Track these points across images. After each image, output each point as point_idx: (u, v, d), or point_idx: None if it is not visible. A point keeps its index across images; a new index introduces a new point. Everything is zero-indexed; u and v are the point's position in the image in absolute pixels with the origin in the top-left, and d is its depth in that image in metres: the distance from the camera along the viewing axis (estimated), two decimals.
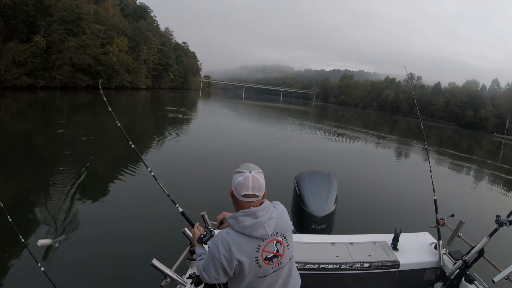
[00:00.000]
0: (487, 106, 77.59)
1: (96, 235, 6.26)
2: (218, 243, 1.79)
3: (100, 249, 5.74)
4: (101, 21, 52.15)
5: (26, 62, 39.30)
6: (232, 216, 1.82)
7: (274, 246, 1.83)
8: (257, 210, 1.78)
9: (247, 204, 1.80)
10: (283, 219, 1.91)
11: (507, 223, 2.73)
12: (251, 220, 1.76)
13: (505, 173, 18.87)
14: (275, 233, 1.83)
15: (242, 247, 1.76)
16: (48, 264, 5.08)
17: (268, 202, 1.88)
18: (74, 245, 5.75)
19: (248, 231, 1.76)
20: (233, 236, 1.78)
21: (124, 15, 68.86)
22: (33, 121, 20.32)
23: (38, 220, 6.60)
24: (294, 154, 15.95)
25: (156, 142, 16.13)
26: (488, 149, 42.31)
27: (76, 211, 7.16)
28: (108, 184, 9.39)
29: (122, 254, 5.66)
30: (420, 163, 17.88)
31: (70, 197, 7.78)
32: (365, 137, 29.08)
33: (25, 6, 39.44)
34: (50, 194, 7.94)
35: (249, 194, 1.78)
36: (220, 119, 33.92)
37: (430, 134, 44.66)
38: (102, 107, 30.83)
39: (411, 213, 8.51)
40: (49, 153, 12.43)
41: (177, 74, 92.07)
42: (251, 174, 1.78)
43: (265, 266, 1.82)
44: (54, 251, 5.41)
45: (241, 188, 1.78)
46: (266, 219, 1.78)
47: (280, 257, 1.86)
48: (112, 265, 5.33)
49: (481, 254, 2.90)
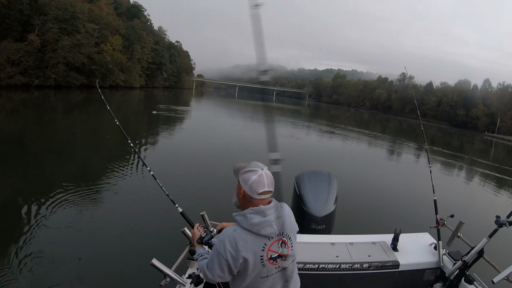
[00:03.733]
0: (479, 105, 78.13)
1: (95, 235, 6.25)
2: (224, 240, 1.79)
3: (100, 248, 5.73)
4: (95, 20, 51.93)
5: (20, 61, 39.07)
6: (241, 213, 1.82)
7: (279, 246, 1.83)
8: (266, 209, 1.79)
9: (261, 201, 1.81)
10: (289, 219, 1.93)
11: (507, 223, 2.76)
12: (260, 218, 1.76)
13: (500, 173, 18.85)
14: (281, 232, 1.83)
15: (248, 244, 1.76)
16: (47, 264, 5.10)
17: (276, 201, 1.89)
18: (74, 245, 5.74)
19: (256, 229, 1.76)
20: (241, 233, 1.78)
21: (118, 14, 68.56)
22: (27, 120, 20.27)
23: (31, 221, 6.52)
24: (294, 154, 15.66)
25: (151, 141, 16.05)
26: (480, 148, 42.56)
27: (75, 212, 7.14)
28: (107, 183, 9.31)
29: (122, 253, 5.65)
30: (419, 164, 17.85)
31: (67, 198, 7.72)
32: (364, 137, 29.05)
33: (20, 5, 39.18)
34: (46, 194, 7.80)
35: (265, 191, 1.79)
36: (215, 118, 33.95)
37: (421, 131, 44.80)
38: (96, 106, 30.89)
39: (411, 213, 8.50)
40: (44, 152, 12.35)
41: (171, 73, 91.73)
42: (264, 172, 1.81)
43: (269, 266, 1.82)
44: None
45: (258, 186, 1.78)
46: (274, 218, 1.79)
47: (284, 258, 1.86)
48: (112, 264, 5.32)
49: (481, 255, 2.92)
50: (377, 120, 68.78)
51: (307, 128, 32.63)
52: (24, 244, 5.58)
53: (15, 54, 38.48)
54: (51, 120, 21.95)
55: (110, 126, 20.24)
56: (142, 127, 21.98)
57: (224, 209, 2.28)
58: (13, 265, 4.99)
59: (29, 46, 40.54)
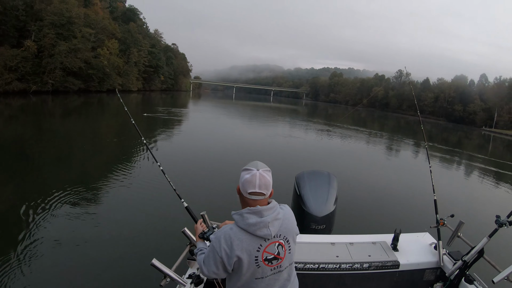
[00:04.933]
0: (476, 100, 78.15)
1: (96, 235, 6.29)
2: (220, 238, 1.79)
3: (100, 249, 5.76)
4: (91, 24, 51.93)
5: (17, 67, 38.97)
6: (238, 212, 1.81)
7: (276, 248, 1.82)
8: (263, 209, 1.77)
9: (253, 202, 1.79)
10: (288, 222, 1.89)
11: (507, 223, 2.75)
12: (256, 218, 1.75)
13: (499, 167, 18.93)
14: (278, 235, 1.82)
15: (244, 244, 1.75)
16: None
17: (275, 203, 1.87)
18: (74, 245, 5.78)
19: (252, 229, 1.75)
20: (236, 232, 1.77)
21: (114, 18, 68.52)
22: (31, 124, 20.41)
23: (30, 220, 6.62)
24: (294, 154, 15.89)
25: (154, 142, 16.14)
26: (478, 143, 42.51)
27: (74, 212, 7.19)
28: (107, 185, 9.38)
29: (122, 253, 5.66)
30: (420, 163, 17.76)
31: (66, 201, 7.76)
32: (363, 136, 29.04)
33: (15, 11, 39.24)
34: (46, 197, 7.85)
35: (255, 192, 1.77)
36: (213, 119, 33.91)
37: (420, 129, 44.66)
38: (94, 110, 31.08)
39: (411, 213, 8.48)
40: (44, 158, 12.43)
41: (168, 76, 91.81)
42: (259, 172, 1.78)
43: (264, 267, 1.81)
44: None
45: (248, 185, 1.77)
46: (271, 219, 1.77)
47: (280, 260, 1.84)
48: (112, 264, 5.33)
49: (481, 255, 2.91)
50: (375, 118, 68.75)
51: (305, 127, 32.57)
52: (25, 245, 5.64)
53: (12, 60, 38.38)
54: (52, 124, 22.01)
55: (104, 129, 20.39)
56: (144, 129, 21.90)
57: (226, 208, 2.23)
58: (14, 265, 5.03)
59: (26, 52, 40.43)
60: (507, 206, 3.05)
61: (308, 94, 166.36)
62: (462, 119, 79.79)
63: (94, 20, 53.62)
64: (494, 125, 70.80)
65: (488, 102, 75.54)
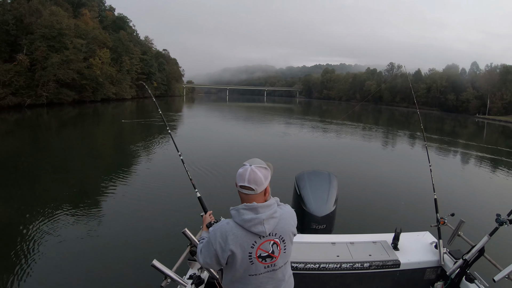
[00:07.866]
0: (468, 88, 78.14)
1: (96, 236, 6.43)
2: (217, 231, 1.83)
3: (100, 249, 5.89)
4: (82, 35, 52.00)
5: (11, 82, 39.04)
6: (235, 208, 1.84)
7: (270, 246, 1.83)
8: (259, 206, 1.79)
9: (246, 196, 1.83)
10: (285, 221, 1.90)
11: (508, 222, 2.74)
12: (251, 214, 1.78)
13: (494, 154, 18.97)
14: (273, 233, 1.83)
15: (238, 239, 1.78)
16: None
17: (274, 201, 1.89)
18: (75, 247, 5.90)
19: (247, 225, 1.77)
20: (232, 227, 1.80)
21: (104, 27, 68.33)
22: (28, 138, 20.60)
23: (33, 223, 6.79)
24: (294, 154, 15.91)
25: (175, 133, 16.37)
26: (472, 131, 42.64)
27: (75, 215, 7.36)
28: (107, 188, 9.62)
29: (123, 254, 5.77)
30: (420, 162, 16.96)
31: (65, 205, 7.98)
32: (362, 133, 28.97)
33: (6, 26, 39.36)
34: (47, 204, 8.12)
35: (244, 186, 1.81)
36: (208, 122, 34.28)
37: (414, 120, 44.53)
38: (90, 120, 31.19)
39: (411, 212, 8.43)
40: (43, 169, 12.65)
41: (161, 82, 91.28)
42: (251, 168, 1.82)
43: (258, 264, 1.83)
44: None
45: (239, 178, 1.83)
46: (267, 217, 1.79)
47: (274, 259, 1.86)
48: (113, 265, 5.44)
49: (482, 253, 2.92)
50: (369, 112, 68.80)
51: (302, 126, 32.69)
52: (26, 245, 5.85)
53: (5, 75, 38.44)
54: (50, 137, 22.26)
55: (104, 137, 20.50)
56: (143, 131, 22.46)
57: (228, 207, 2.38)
58: (14, 265, 5.17)
59: (18, 66, 40.52)
60: (508, 204, 3.19)
61: (302, 92, 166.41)
62: (455, 108, 79.87)
63: (84, 31, 53.67)
64: (488, 111, 71.11)
65: (480, 89, 75.69)
